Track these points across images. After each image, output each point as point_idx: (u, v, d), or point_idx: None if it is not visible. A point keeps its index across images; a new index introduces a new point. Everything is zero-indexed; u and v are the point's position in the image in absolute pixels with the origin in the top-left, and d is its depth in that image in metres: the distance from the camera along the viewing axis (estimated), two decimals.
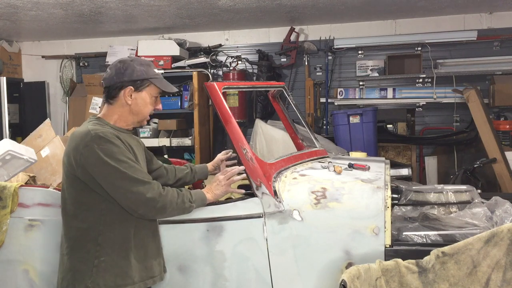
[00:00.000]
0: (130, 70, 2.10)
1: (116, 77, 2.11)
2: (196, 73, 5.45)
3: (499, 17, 5.35)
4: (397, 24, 5.58)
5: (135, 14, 4.89)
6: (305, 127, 3.40)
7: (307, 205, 2.27)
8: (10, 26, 5.40)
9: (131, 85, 2.10)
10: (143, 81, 2.12)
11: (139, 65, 2.13)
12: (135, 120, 2.19)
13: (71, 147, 2.02)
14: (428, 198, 2.50)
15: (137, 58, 2.19)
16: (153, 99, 2.18)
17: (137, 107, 2.14)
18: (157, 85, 2.16)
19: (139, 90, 2.12)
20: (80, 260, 2.02)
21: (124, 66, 2.12)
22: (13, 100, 6.02)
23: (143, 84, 2.13)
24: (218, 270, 2.29)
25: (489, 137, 4.45)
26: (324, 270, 2.21)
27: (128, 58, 2.19)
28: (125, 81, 2.10)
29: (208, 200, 2.26)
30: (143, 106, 2.15)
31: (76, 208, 2.04)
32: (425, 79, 5.44)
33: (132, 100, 2.12)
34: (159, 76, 2.19)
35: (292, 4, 4.62)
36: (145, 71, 2.13)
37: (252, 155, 2.35)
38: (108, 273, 2.01)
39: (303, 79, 5.74)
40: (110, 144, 1.98)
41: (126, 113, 2.15)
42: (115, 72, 2.12)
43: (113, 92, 2.12)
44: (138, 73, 2.11)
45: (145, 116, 2.20)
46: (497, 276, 1.98)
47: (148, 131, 5.68)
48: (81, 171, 1.98)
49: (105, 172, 1.96)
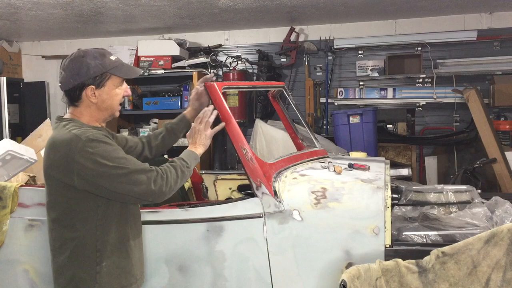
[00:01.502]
0: (85, 69, 1.96)
1: (73, 79, 1.97)
2: (196, 73, 5.45)
3: (499, 17, 5.35)
4: (397, 24, 5.58)
5: (135, 14, 4.89)
6: (305, 127, 3.40)
7: (307, 205, 2.27)
8: (10, 26, 5.40)
9: (91, 84, 1.97)
10: (102, 76, 1.98)
11: (93, 59, 1.97)
12: (106, 115, 2.08)
13: (58, 156, 1.89)
14: (428, 198, 2.50)
15: (89, 51, 2.01)
16: (119, 90, 2.06)
17: (104, 103, 2.02)
18: (117, 74, 2.02)
19: (101, 86, 1.99)
20: (81, 269, 1.96)
21: (77, 66, 1.97)
22: (13, 100, 6.02)
23: (103, 79, 1.99)
24: (218, 270, 2.29)
25: (489, 137, 4.45)
26: (324, 270, 2.21)
27: (79, 53, 2.01)
28: (83, 81, 1.97)
29: (199, 154, 2.22)
30: (110, 100, 2.03)
31: (71, 218, 1.94)
32: (425, 79, 5.44)
33: (96, 98, 2.00)
34: (118, 63, 2.04)
35: (292, 4, 4.62)
36: (101, 64, 1.98)
37: (252, 155, 2.35)
38: (112, 276, 1.98)
39: (303, 79, 5.74)
40: (104, 145, 1.90)
41: (94, 112, 2.04)
42: (70, 74, 1.98)
43: (74, 95, 2.00)
44: (94, 69, 1.96)
45: (115, 109, 2.08)
46: (497, 276, 1.98)
47: (148, 131, 5.68)
48: (77, 179, 1.88)
49: (106, 174, 1.87)
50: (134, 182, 1.90)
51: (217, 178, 3.52)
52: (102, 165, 1.87)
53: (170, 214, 2.33)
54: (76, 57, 2.00)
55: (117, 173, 1.88)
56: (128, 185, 1.90)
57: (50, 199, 1.99)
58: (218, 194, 3.51)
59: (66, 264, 1.97)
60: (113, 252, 1.98)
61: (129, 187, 1.90)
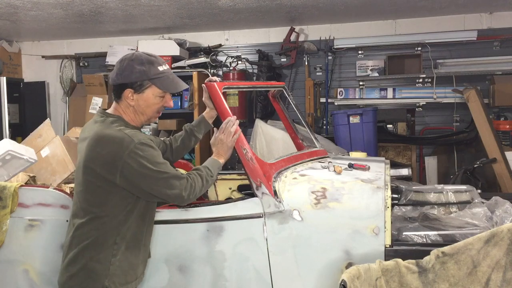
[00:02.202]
0: (128, 72, 2.04)
1: (117, 77, 2.08)
2: (196, 73, 5.45)
3: (499, 17, 5.35)
4: (397, 24, 5.58)
5: (135, 14, 4.89)
6: (305, 127, 3.40)
7: (307, 205, 2.27)
8: (10, 26, 5.40)
9: (130, 87, 2.05)
10: (142, 83, 2.05)
11: (139, 64, 2.05)
12: (142, 119, 2.16)
13: (106, 152, 1.95)
14: (428, 198, 2.50)
15: (140, 55, 2.09)
16: (158, 99, 2.11)
17: (140, 108, 2.10)
18: (158, 86, 2.08)
19: (140, 91, 2.06)
20: (96, 260, 2.01)
21: (123, 67, 2.06)
22: (13, 100, 6.03)
23: (143, 85, 2.06)
24: (218, 270, 2.29)
25: (489, 137, 4.45)
26: (324, 270, 2.21)
27: (130, 55, 2.10)
28: (123, 83, 2.06)
29: (222, 163, 2.34)
30: (145, 107, 2.10)
31: (101, 211, 2.01)
32: (425, 79, 5.44)
33: (134, 102, 2.08)
34: (164, 74, 2.10)
35: (292, 4, 4.62)
36: (145, 71, 2.04)
37: (252, 155, 2.35)
38: (121, 270, 2.05)
39: (303, 79, 5.74)
40: (151, 149, 2.00)
41: (132, 114, 2.13)
42: (116, 72, 2.08)
43: (116, 92, 2.11)
44: (137, 74, 2.04)
45: (150, 116, 2.15)
46: (497, 276, 1.98)
47: (148, 131, 5.68)
48: (120, 177, 1.95)
49: (148, 177, 1.97)
50: (169, 187, 2.02)
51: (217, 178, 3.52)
52: (146, 168, 1.96)
53: (170, 214, 2.33)
54: (127, 58, 2.09)
55: (157, 177, 1.99)
56: (164, 189, 2.02)
57: (82, 190, 2.04)
58: (218, 194, 3.51)
59: (82, 253, 2.02)
60: (127, 247, 2.06)
61: (164, 190, 2.02)
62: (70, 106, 6.08)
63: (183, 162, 3.52)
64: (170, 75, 2.15)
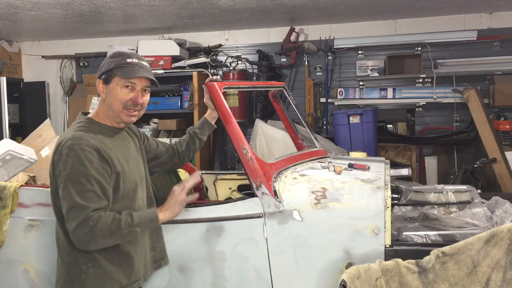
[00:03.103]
0: (105, 64, 2.05)
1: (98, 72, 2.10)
2: (196, 73, 5.45)
3: (499, 17, 5.34)
4: (397, 24, 5.58)
5: (135, 14, 4.89)
6: (305, 127, 3.40)
7: (307, 205, 2.27)
8: (10, 26, 5.40)
9: (101, 79, 2.05)
10: (108, 73, 2.02)
11: (112, 57, 2.05)
12: (111, 114, 2.06)
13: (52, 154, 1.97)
14: (428, 198, 2.50)
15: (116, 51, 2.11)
16: (124, 90, 2.01)
17: (109, 101, 2.04)
18: (119, 75, 2.00)
19: (107, 82, 2.03)
20: (68, 267, 1.99)
21: (103, 62, 2.09)
22: (13, 100, 6.03)
23: (110, 76, 2.02)
24: (218, 270, 2.29)
25: (489, 137, 4.45)
26: (324, 270, 2.21)
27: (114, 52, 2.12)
28: (99, 75, 2.07)
29: (161, 220, 2.07)
30: (113, 98, 2.02)
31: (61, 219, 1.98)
32: (425, 79, 5.44)
33: (104, 94, 2.05)
34: (129, 65, 2.02)
35: (292, 4, 4.62)
36: (113, 61, 2.02)
37: (252, 155, 2.35)
38: (97, 278, 1.98)
39: (303, 79, 5.74)
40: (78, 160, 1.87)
41: (104, 108, 2.07)
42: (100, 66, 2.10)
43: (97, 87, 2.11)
44: (107, 65, 2.03)
45: (118, 110, 2.03)
46: (497, 276, 1.98)
47: (148, 131, 5.68)
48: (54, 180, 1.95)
49: (62, 187, 1.88)
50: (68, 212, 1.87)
51: (217, 178, 3.52)
52: (62, 177, 1.88)
53: None
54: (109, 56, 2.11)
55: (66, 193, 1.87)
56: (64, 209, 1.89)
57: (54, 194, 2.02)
58: (218, 194, 3.51)
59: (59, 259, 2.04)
60: (101, 255, 1.97)
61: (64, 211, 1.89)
62: (70, 106, 6.08)
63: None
64: (136, 65, 2.04)
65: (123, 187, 2.00)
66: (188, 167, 3.48)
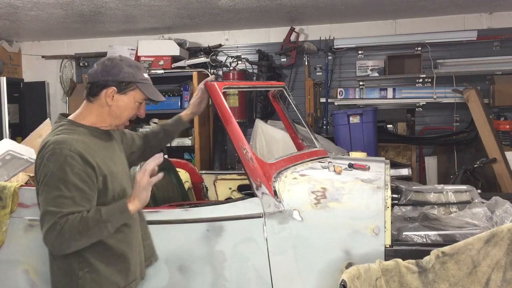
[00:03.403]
0: (116, 70, 1.97)
1: (101, 74, 1.98)
2: (196, 73, 5.45)
3: (499, 17, 5.34)
4: (397, 24, 5.58)
5: (135, 14, 4.89)
6: (305, 127, 3.40)
7: (307, 205, 2.27)
8: (10, 26, 5.40)
9: (115, 86, 1.97)
10: (128, 84, 1.98)
11: (128, 66, 2.00)
12: (113, 123, 2.05)
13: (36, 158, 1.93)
14: (428, 198, 2.50)
15: (127, 59, 2.06)
16: (136, 105, 2.04)
17: (117, 110, 2.01)
18: (143, 91, 2.02)
19: (123, 92, 1.99)
20: (64, 273, 1.95)
21: (111, 64, 1.98)
22: (13, 100, 6.02)
23: (128, 87, 1.99)
24: (218, 270, 2.29)
25: (489, 137, 4.45)
26: (324, 270, 2.21)
27: (118, 57, 2.05)
28: (109, 80, 1.97)
29: (131, 210, 1.93)
30: (123, 110, 2.01)
31: None
32: (425, 79, 5.43)
33: (113, 102, 1.99)
34: (148, 81, 2.06)
35: (292, 4, 4.62)
36: (133, 73, 1.99)
37: (252, 155, 2.35)
38: (94, 283, 1.95)
39: (303, 79, 5.73)
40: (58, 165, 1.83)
41: (105, 114, 2.02)
42: (101, 69, 1.99)
43: (95, 90, 1.98)
44: (125, 74, 1.98)
45: (124, 121, 2.06)
46: (497, 276, 1.98)
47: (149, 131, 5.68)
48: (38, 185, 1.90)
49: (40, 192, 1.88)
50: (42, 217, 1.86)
51: (217, 178, 3.52)
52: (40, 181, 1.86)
53: (170, 214, 2.33)
54: (115, 58, 2.03)
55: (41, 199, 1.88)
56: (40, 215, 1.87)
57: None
58: (218, 194, 3.51)
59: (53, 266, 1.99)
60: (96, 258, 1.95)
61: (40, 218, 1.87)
62: (70, 106, 6.07)
63: (182, 162, 3.51)
64: (152, 84, 2.10)
65: (111, 188, 1.97)
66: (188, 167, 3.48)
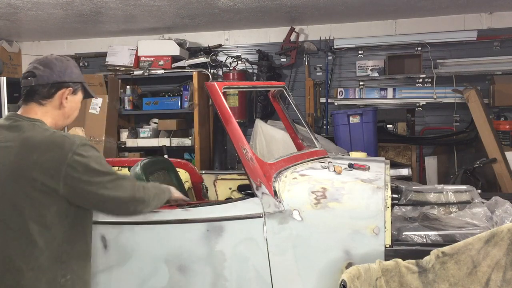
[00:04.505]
0: (69, 70, 1.98)
1: (56, 75, 1.93)
2: (196, 73, 5.45)
3: (499, 17, 5.34)
4: (397, 24, 5.58)
5: (135, 14, 4.89)
6: (305, 127, 3.40)
7: (307, 205, 2.27)
8: (10, 26, 5.40)
9: (71, 86, 1.98)
10: (77, 84, 2.03)
11: (75, 67, 2.05)
12: (64, 124, 2.04)
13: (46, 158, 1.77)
14: (428, 198, 2.50)
15: (69, 59, 2.07)
16: (80, 104, 2.11)
17: (70, 110, 2.01)
18: (87, 89, 2.11)
19: (75, 93, 2.02)
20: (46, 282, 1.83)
21: (63, 65, 1.98)
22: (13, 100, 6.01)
23: (77, 88, 2.03)
24: (218, 270, 2.29)
25: (489, 137, 4.45)
26: (324, 270, 2.21)
27: (64, 57, 2.05)
28: (66, 81, 1.96)
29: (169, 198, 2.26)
30: (74, 110, 2.04)
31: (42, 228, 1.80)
32: (425, 79, 5.43)
33: (67, 103, 1.97)
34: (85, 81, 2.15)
35: (292, 4, 4.62)
36: (79, 74, 2.06)
37: (252, 155, 2.35)
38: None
39: (303, 79, 5.74)
40: (94, 150, 1.87)
41: (58, 117, 1.98)
42: (55, 70, 1.94)
43: (48, 92, 1.92)
44: (76, 74, 2.02)
45: (71, 121, 2.08)
46: (497, 276, 1.98)
47: (148, 131, 5.68)
48: (63, 184, 1.77)
49: (94, 181, 1.81)
50: (119, 188, 1.89)
51: (217, 178, 3.52)
52: (92, 170, 1.82)
53: (170, 214, 2.33)
54: (62, 58, 2.02)
55: (105, 179, 1.85)
56: (113, 191, 1.87)
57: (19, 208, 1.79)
58: (218, 194, 3.51)
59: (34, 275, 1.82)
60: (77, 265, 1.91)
61: (113, 193, 1.87)
62: None
63: (182, 162, 3.52)
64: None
65: None
66: (188, 167, 3.49)
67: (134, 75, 5.61)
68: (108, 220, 2.35)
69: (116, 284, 2.38)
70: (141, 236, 2.34)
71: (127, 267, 2.35)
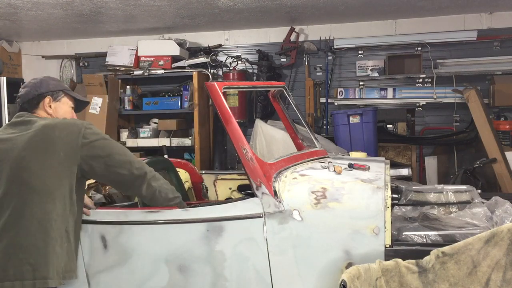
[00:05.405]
0: (45, 83, 2.30)
1: (34, 90, 2.27)
2: (196, 73, 5.45)
3: (499, 17, 5.34)
4: (397, 24, 5.58)
5: (135, 14, 4.89)
6: (305, 127, 3.40)
7: (307, 205, 2.27)
8: (10, 26, 5.40)
9: (49, 95, 2.29)
10: (58, 92, 2.32)
11: (52, 80, 2.36)
12: None
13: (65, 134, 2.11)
14: (428, 198, 2.50)
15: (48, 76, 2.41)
16: (70, 109, 2.38)
17: (64, 115, 2.33)
18: (71, 95, 2.39)
19: (57, 100, 2.32)
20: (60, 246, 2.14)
21: (38, 81, 2.31)
22: (13, 100, 6.01)
23: (59, 95, 2.33)
24: (218, 270, 2.29)
25: (489, 137, 4.45)
26: (324, 270, 2.21)
27: (39, 77, 2.37)
28: (43, 92, 2.28)
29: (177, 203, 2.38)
30: (63, 115, 2.33)
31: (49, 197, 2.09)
32: (425, 79, 5.44)
33: (52, 110, 2.30)
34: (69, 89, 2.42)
35: (292, 4, 4.62)
36: (58, 84, 2.36)
37: (252, 155, 2.35)
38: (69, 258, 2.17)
39: (303, 79, 5.74)
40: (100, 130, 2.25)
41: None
42: (31, 87, 2.29)
43: (32, 104, 2.27)
44: (53, 85, 2.32)
45: None
46: (497, 276, 1.98)
47: (148, 131, 5.68)
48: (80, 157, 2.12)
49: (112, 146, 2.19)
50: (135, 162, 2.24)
51: (217, 178, 3.52)
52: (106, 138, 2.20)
53: (170, 214, 2.33)
54: (37, 77, 2.37)
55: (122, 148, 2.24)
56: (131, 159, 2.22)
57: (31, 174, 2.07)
58: (218, 194, 3.51)
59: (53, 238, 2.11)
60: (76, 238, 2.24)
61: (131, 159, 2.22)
62: None
63: (182, 162, 3.52)
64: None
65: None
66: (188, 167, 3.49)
67: (134, 75, 5.61)
68: (108, 220, 2.36)
69: (116, 284, 2.38)
70: (141, 236, 2.34)
71: (127, 267, 2.35)
